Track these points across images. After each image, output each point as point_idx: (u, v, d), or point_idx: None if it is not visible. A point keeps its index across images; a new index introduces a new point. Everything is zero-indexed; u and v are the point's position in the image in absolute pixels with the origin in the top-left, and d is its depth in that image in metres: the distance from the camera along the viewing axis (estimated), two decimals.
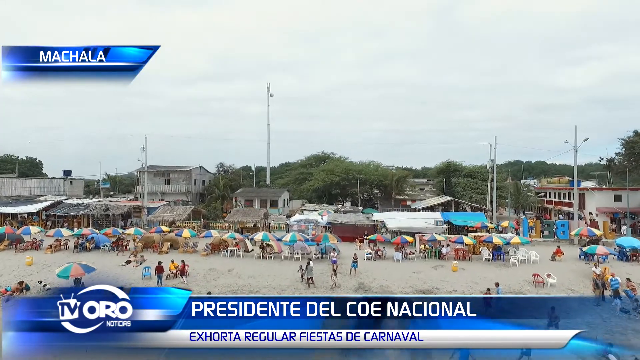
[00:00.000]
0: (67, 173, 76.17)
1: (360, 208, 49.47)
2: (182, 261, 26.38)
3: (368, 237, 33.28)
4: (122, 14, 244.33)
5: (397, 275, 26.30)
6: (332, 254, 28.05)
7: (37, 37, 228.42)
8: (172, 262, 26.26)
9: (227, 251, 30.60)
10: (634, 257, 28.97)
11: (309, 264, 24.03)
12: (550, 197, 58.94)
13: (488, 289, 21.25)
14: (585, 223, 39.44)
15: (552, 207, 56.20)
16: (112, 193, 78.44)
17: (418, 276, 26.04)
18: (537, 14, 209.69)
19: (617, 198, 44.77)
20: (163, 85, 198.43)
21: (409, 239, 30.20)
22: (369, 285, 24.29)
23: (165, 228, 34.01)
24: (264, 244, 30.71)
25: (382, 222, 37.25)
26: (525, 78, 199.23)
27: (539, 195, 61.63)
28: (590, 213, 42.99)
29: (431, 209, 51.09)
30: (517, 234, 37.89)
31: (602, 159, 42.37)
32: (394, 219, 36.94)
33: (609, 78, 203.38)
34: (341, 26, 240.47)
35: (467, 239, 29.18)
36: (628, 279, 21.68)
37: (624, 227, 38.76)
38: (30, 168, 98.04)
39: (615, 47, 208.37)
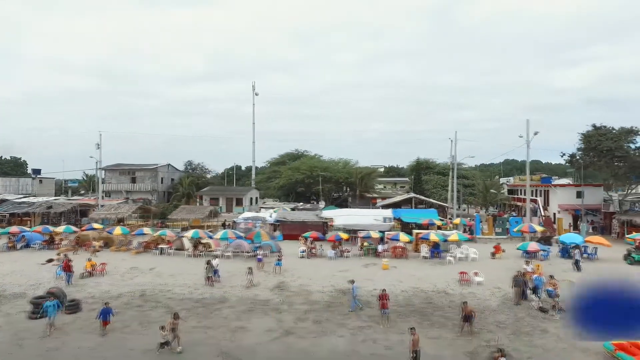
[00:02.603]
0: (36, 172, 74.94)
1: (322, 205, 48.33)
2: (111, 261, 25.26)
3: (303, 235, 32.08)
4: (121, 14, 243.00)
5: (323, 273, 25.24)
6: (259, 251, 26.87)
7: (36, 37, 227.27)
8: (89, 260, 25.15)
9: (157, 249, 29.45)
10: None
11: (209, 262, 22.91)
12: (521, 194, 57.91)
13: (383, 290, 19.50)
14: (540, 219, 38.36)
15: (521, 204, 55.13)
16: (82, 192, 77.19)
17: (344, 275, 24.91)
18: (534, 15, 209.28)
19: (579, 195, 43.66)
20: (160, 86, 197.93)
21: (344, 236, 29.09)
22: (289, 285, 23.18)
23: (97, 225, 32.86)
24: (198, 242, 29.60)
25: (331, 219, 36.15)
26: (522, 79, 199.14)
27: (512, 193, 60.66)
28: (546, 209, 41.93)
29: (397, 205, 50.12)
30: (470, 231, 36.90)
31: (564, 155, 41.27)
32: (342, 217, 35.83)
33: (606, 79, 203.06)
34: (338, 26, 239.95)
35: (403, 236, 28.10)
36: (551, 276, 20.58)
37: (582, 225, 37.64)
38: (14, 168, 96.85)
39: (612, 48, 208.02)
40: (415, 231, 31.11)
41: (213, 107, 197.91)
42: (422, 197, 45.88)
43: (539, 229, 32.54)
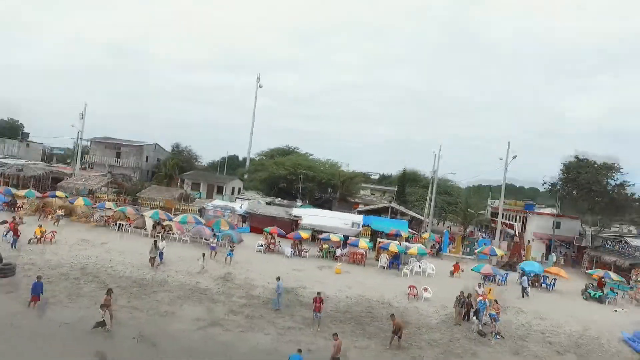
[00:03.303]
0: (25, 135, 74.38)
1: (299, 203, 47.90)
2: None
3: (264, 230, 31.50)
4: (125, 7, 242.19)
5: (274, 270, 24.59)
6: (212, 239, 26.40)
7: (38, 33, 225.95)
8: (40, 227, 24.70)
9: (116, 225, 29.02)
10: (535, 283, 27.51)
11: (155, 243, 22.50)
12: (504, 218, 57.55)
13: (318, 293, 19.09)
14: (509, 244, 38.03)
15: (501, 227, 54.81)
16: (69, 161, 76.53)
17: (296, 274, 24.55)
18: (543, 37, 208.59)
19: (557, 225, 43.40)
20: (167, 72, 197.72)
21: (304, 235, 28.69)
22: (235, 277, 22.76)
23: (60, 194, 32.38)
24: (157, 223, 29.16)
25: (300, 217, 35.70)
26: (528, 100, 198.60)
27: (494, 215, 60.28)
28: (515, 235, 41.59)
29: (377, 213, 49.81)
30: (439, 247, 36.54)
31: (545, 183, 40.89)
32: (310, 216, 35.40)
33: (615, 109, 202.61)
34: (338, 26, 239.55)
35: (363, 243, 27.71)
36: (495, 301, 20.20)
37: (551, 255, 37.32)
38: (10, 130, 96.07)
39: (624, 78, 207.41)
40: (378, 240, 30.70)
41: (217, 95, 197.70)
42: (399, 208, 45.50)
43: (500, 253, 32.20)
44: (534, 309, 23.49)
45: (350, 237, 30.66)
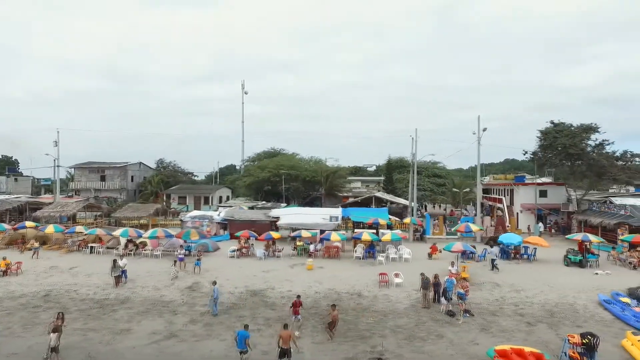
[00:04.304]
0: (12, 170, 74.40)
1: (283, 204, 47.48)
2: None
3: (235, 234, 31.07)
4: (123, 14, 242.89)
5: (244, 274, 24.43)
6: (180, 251, 26.02)
7: (37, 37, 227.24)
8: (4, 259, 24.39)
9: (88, 248, 28.72)
10: (516, 255, 26.93)
11: (114, 262, 22.09)
12: (494, 194, 56.80)
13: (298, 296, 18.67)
14: (492, 219, 37.37)
15: (493, 203, 54.09)
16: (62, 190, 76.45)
17: (265, 275, 24.15)
18: (539, 13, 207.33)
19: (543, 194, 42.69)
20: (163, 86, 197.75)
21: (275, 235, 28.23)
22: (202, 285, 22.34)
23: (29, 224, 32.09)
24: (129, 241, 28.83)
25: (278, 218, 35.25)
26: (527, 78, 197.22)
27: (487, 192, 59.51)
28: (499, 209, 40.91)
29: (365, 204, 49.37)
30: (422, 231, 36.00)
31: (526, 153, 40.07)
32: (288, 215, 34.93)
33: (615, 77, 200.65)
34: (338, 26, 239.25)
35: (335, 236, 27.21)
36: (464, 279, 19.66)
37: (537, 225, 36.61)
38: (8, 164, 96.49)
39: (620, 46, 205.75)
40: (349, 230, 30.16)
41: (216, 106, 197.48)
42: (383, 196, 44.89)
43: (474, 228, 31.57)
44: (511, 282, 22.96)
45: (324, 232, 30.17)
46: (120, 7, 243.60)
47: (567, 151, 34.39)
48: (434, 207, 63.13)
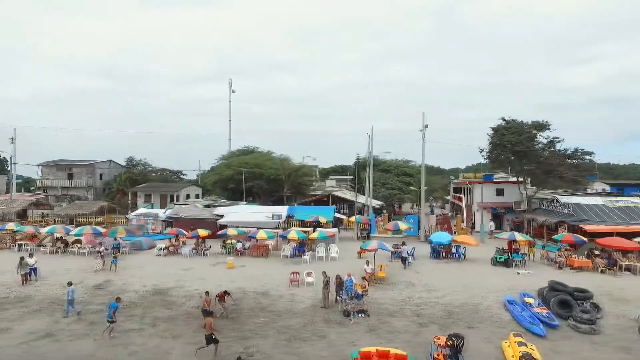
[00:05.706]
0: None
1: (243, 203, 46.99)
2: None
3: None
4: (124, 14, 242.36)
5: (162, 272, 24.06)
6: (100, 248, 25.62)
7: (37, 37, 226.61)
8: None
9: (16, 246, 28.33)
10: (447, 254, 26.51)
11: (22, 259, 21.70)
12: (461, 193, 56.38)
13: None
14: (437, 217, 36.92)
15: (457, 202, 53.66)
16: (32, 188, 76.08)
17: (183, 273, 23.83)
18: (540, 14, 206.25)
19: (500, 192, 42.24)
20: (163, 86, 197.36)
21: (202, 233, 27.82)
22: (112, 283, 21.99)
23: None
24: (57, 239, 28.45)
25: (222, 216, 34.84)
26: (527, 78, 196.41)
27: (457, 191, 59.06)
28: (443, 207, 40.39)
29: (333, 202, 49.17)
30: (369, 230, 35.58)
31: (482, 150, 39.53)
32: (232, 213, 34.56)
33: (615, 77, 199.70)
34: (338, 26, 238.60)
35: (261, 234, 26.80)
36: (363, 278, 19.27)
37: (482, 224, 36.10)
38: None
39: (620, 46, 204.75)
40: (277, 230, 29.75)
41: (216, 106, 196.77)
42: (344, 195, 44.46)
43: (403, 227, 31.13)
44: (427, 282, 22.53)
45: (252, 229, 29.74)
46: (120, 7, 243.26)
47: (513, 149, 33.89)
48: (415, 206, 62.63)
